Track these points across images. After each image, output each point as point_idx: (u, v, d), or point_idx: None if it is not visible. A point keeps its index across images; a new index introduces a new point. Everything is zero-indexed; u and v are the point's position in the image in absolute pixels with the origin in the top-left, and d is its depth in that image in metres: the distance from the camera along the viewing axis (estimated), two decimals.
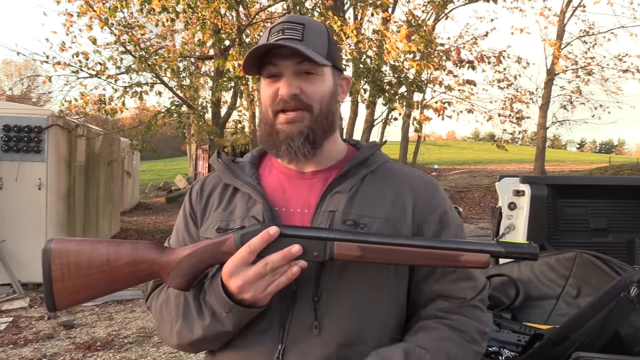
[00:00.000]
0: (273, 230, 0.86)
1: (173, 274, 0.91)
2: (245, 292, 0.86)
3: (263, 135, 1.02)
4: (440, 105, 7.69)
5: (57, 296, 0.90)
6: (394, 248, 0.88)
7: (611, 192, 2.79)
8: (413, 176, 1.06)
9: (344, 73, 1.10)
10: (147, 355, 4.13)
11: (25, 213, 6.04)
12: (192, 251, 0.91)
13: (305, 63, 0.95)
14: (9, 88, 27.22)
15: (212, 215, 1.03)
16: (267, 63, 0.97)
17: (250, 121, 10.54)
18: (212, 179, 1.09)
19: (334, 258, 0.88)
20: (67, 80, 7.69)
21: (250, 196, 1.00)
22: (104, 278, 0.90)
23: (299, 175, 1.04)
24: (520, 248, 0.89)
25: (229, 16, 7.55)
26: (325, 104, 0.99)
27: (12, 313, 5.15)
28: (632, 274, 1.53)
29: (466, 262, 0.89)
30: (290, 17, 1.02)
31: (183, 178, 20.36)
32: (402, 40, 6.05)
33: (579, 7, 12.76)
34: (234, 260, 0.86)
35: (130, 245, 0.92)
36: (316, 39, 0.98)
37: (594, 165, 18.47)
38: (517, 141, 11.50)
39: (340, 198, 0.97)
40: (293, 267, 0.86)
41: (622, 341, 1.48)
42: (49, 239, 0.92)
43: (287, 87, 0.95)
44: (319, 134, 0.98)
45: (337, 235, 0.89)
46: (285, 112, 0.97)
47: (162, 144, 24.90)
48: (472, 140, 60.43)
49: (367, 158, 1.04)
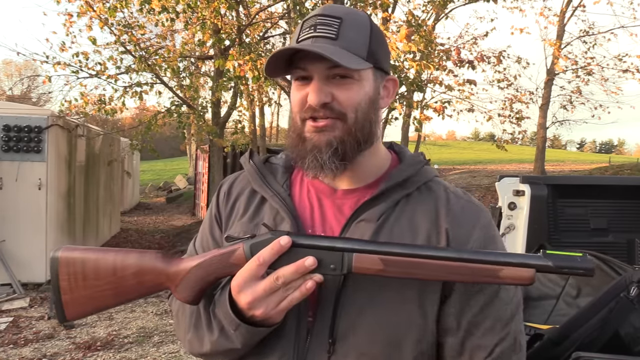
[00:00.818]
0: (284, 240, 0.77)
1: (181, 287, 0.85)
2: (255, 308, 0.78)
3: (290, 144, 0.90)
4: (440, 105, 7.69)
5: (67, 307, 0.86)
6: (421, 261, 0.77)
7: (611, 192, 2.79)
8: (456, 202, 0.89)
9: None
10: (147, 355, 4.14)
11: (25, 213, 6.05)
12: (200, 262, 0.84)
13: (338, 68, 0.82)
14: (9, 88, 27.24)
15: (236, 224, 0.94)
16: (296, 66, 0.85)
17: (250, 121, 10.55)
18: (241, 180, 0.99)
19: (352, 271, 0.78)
20: (67, 80, 7.70)
21: (279, 212, 0.90)
22: (111, 289, 0.86)
23: (330, 192, 0.92)
24: (572, 262, 0.74)
25: (229, 16, 7.55)
26: (362, 112, 0.85)
27: (12, 313, 5.16)
28: (632, 274, 1.53)
29: (506, 278, 0.76)
30: (327, 8, 0.86)
31: (183, 178, 20.36)
32: (402, 40, 6.04)
33: (579, 7, 12.77)
34: (242, 274, 0.79)
35: (137, 254, 0.87)
36: (356, 34, 0.84)
37: (594, 165, 18.47)
38: (517, 141, 11.50)
39: (366, 228, 0.85)
40: (307, 281, 0.77)
41: (622, 341, 1.48)
42: (57, 248, 0.88)
43: (316, 94, 0.83)
44: (351, 147, 0.85)
45: (357, 245, 0.79)
46: (314, 119, 0.85)
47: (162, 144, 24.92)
48: (472, 140, 60.41)
49: (409, 178, 0.89)
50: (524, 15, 13.01)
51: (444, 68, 7.06)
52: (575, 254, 0.74)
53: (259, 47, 7.17)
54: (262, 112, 13.09)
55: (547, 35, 13.84)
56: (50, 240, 6.15)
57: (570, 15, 12.90)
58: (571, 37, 13.03)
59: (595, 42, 12.53)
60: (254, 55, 6.19)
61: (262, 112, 13.12)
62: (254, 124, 11.32)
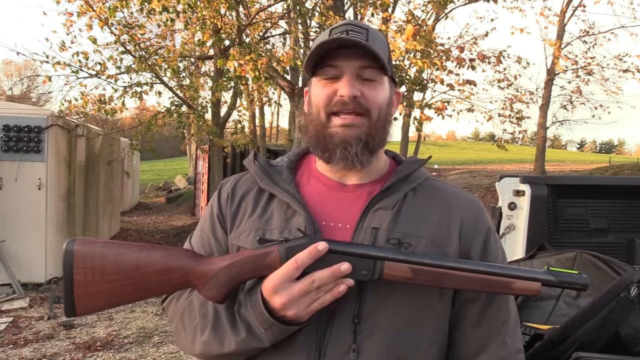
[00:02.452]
0: (322, 245, 0.81)
1: (210, 285, 0.85)
2: (288, 309, 0.81)
3: (313, 138, 0.95)
4: (442, 104, 7.68)
5: (78, 302, 0.83)
6: (446, 272, 0.85)
7: (611, 192, 2.79)
8: (458, 195, 0.99)
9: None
10: (147, 355, 4.13)
11: (25, 213, 6.05)
12: (232, 262, 0.85)
13: (368, 70, 0.90)
14: (9, 88, 27.22)
15: (245, 222, 0.96)
16: (326, 65, 0.92)
17: (250, 121, 10.55)
18: (245, 181, 1.02)
19: (383, 277, 0.84)
20: (67, 80, 7.70)
21: (290, 205, 0.93)
22: (132, 285, 0.84)
23: (340, 187, 0.97)
24: (571, 278, 0.88)
25: (229, 16, 7.54)
26: (384, 112, 0.93)
27: (12, 313, 5.15)
28: (632, 274, 1.53)
29: (517, 289, 0.87)
30: (352, 21, 0.95)
31: (183, 178, 20.36)
32: (409, 38, 6.03)
33: (579, 7, 12.77)
34: (278, 276, 0.81)
35: (162, 251, 0.87)
36: (379, 43, 0.92)
37: (594, 165, 18.47)
38: (517, 141, 11.49)
39: (384, 215, 0.91)
40: (340, 285, 0.81)
41: (622, 341, 1.48)
42: (70, 239, 0.85)
43: (348, 87, 0.89)
44: (377, 142, 0.93)
45: (388, 254, 0.84)
46: (340, 114, 0.91)
47: (162, 144, 24.90)
48: (472, 140, 60.42)
49: (411, 174, 0.97)
50: (524, 15, 13.04)
51: (444, 68, 7.04)
52: (573, 272, 0.89)
53: (259, 47, 7.15)
54: (262, 112, 13.08)
55: (547, 35, 13.87)
56: (50, 241, 6.15)
57: (571, 15, 12.90)
58: (571, 37, 13.04)
59: (595, 42, 12.53)
60: (255, 55, 6.18)
61: (262, 112, 13.12)
62: (254, 124, 11.32)
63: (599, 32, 12.68)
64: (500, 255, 0.98)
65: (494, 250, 0.96)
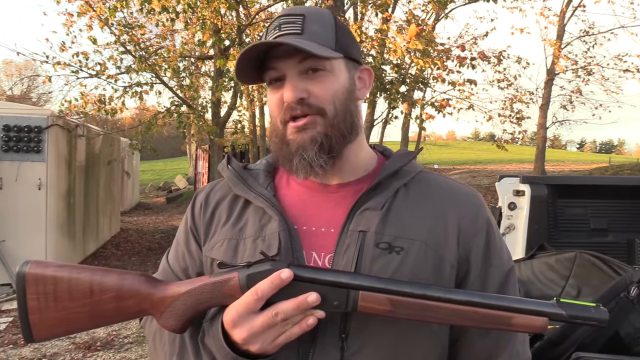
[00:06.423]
0: (285, 274, 0.72)
1: (166, 315, 0.79)
2: (251, 344, 0.73)
3: (275, 149, 0.88)
4: (445, 101, 7.68)
5: (35, 328, 0.78)
6: (431, 304, 0.73)
7: (611, 192, 2.79)
8: (455, 189, 0.90)
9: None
10: (147, 355, 4.14)
11: (25, 213, 6.04)
12: (189, 289, 0.78)
13: (309, 60, 0.81)
14: (9, 88, 27.25)
15: (219, 232, 0.89)
16: (267, 68, 0.84)
17: (250, 121, 10.55)
18: (219, 188, 0.95)
19: (357, 310, 0.74)
20: (67, 80, 7.69)
21: (265, 211, 0.86)
22: (86, 312, 0.78)
23: (322, 188, 0.89)
24: (586, 312, 0.73)
25: (229, 16, 7.55)
26: (340, 103, 0.84)
27: (12, 313, 5.16)
28: (632, 274, 1.53)
29: (517, 325, 0.74)
30: (288, 9, 0.86)
31: (183, 178, 20.38)
32: (412, 37, 6.03)
33: (579, 7, 12.77)
34: (237, 308, 0.73)
35: (116, 276, 0.79)
36: (320, 27, 0.83)
37: (594, 165, 18.47)
38: (517, 141, 11.48)
39: (372, 216, 0.82)
40: (309, 317, 0.72)
41: (622, 341, 1.48)
42: (24, 262, 0.79)
43: (291, 91, 0.81)
44: (337, 140, 0.83)
45: (364, 282, 0.74)
46: (294, 119, 0.83)
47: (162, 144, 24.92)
48: (472, 140, 60.43)
49: (400, 168, 0.88)
50: (524, 15, 13.04)
51: (445, 68, 7.05)
52: (589, 304, 0.74)
53: None
54: (262, 112, 13.08)
55: (547, 35, 13.86)
56: (50, 240, 6.15)
57: (571, 15, 12.90)
58: (571, 37, 13.04)
59: (595, 42, 12.53)
60: None
61: (262, 112, 13.11)
62: (253, 124, 11.33)
63: (599, 32, 12.68)
64: (505, 252, 0.89)
65: (498, 248, 0.87)
